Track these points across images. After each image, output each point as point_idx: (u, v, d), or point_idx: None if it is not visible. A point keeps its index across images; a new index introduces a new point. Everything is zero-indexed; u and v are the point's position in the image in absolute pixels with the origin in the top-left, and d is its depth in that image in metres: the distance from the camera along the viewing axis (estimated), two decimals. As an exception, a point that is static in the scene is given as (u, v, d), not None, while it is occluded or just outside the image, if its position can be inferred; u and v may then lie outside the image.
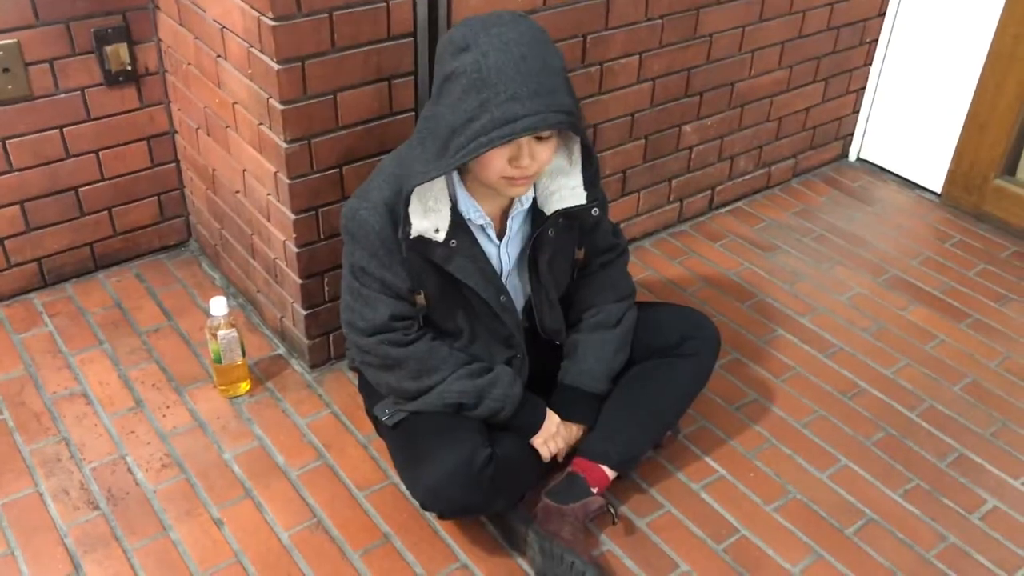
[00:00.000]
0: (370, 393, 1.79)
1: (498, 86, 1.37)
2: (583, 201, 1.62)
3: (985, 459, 1.95)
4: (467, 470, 1.57)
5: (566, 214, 1.64)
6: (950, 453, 1.97)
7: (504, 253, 1.68)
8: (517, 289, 1.74)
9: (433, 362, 1.64)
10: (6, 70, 2.01)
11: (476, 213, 1.60)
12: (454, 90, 1.40)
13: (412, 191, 1.48)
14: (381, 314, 1.61)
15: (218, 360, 1.96)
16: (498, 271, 1.68)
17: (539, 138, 1.46)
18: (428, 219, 1.53)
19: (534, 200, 1.65)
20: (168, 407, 1.99)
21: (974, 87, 2.67)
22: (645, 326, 1.83)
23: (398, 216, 1.52)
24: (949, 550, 1.75)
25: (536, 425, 1.71)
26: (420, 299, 1.62)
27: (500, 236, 1.66)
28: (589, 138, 1.59)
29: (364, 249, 1.57)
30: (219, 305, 1.91)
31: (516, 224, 1.67)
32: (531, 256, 1.68)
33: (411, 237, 1.52)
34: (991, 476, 1.92)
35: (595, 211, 1.65)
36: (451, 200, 1.56)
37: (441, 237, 1.55)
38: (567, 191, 1.62)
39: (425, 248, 1.55)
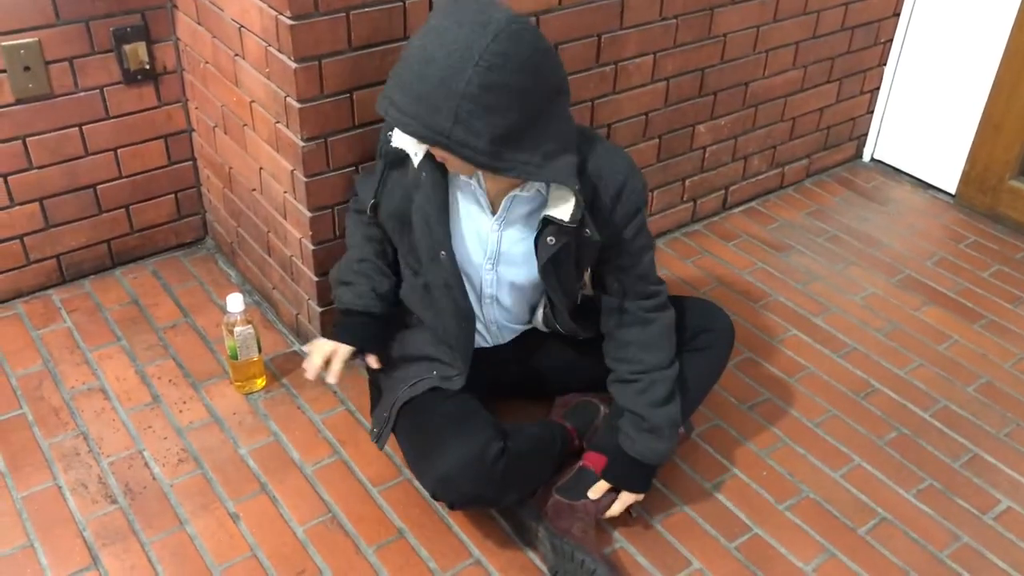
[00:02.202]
0: (375, 397, 1.82)
1: (399, 67, 1.40)
2: (566, 219, 1.51)
3: (999, 460, 1.95)
4: (479, 463, 1.57)
5: (558, 226, 1.55)
6: (964, 453, 1.97)
7: (496, 231, 1.63)
8: (512, 277, 1.68)
9: (350, 241, 1.81)
10: (27, 68, 2.03)
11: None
12: None
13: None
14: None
15: (234, 356, 1.97)
16: (485, 246, 1.64)
17: None
18: (410, 140, 1.55)
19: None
20: (185, 403, 2.00)
21: (989, 88, 2.66)
22: None
23: None
24: (963, 550, 1.75)
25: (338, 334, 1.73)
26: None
27: (495, 212, 1.62)
28: (533, 176, 1.45)
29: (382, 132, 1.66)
30: (235, 302, 1.92)
31: (518, 210, 1.61)
32: (537, 256, 1.62)
33: (391, 144, 1.57)
34: (1005, 476, 1.91)
35: (587, 231, 1.55)
36: None
37: (416, 162, 1.57)
38: (561, 203, 1.53)
39: (406, 168, 1.59)
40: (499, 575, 1.67)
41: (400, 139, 1.56)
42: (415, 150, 1.55)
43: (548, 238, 1.57)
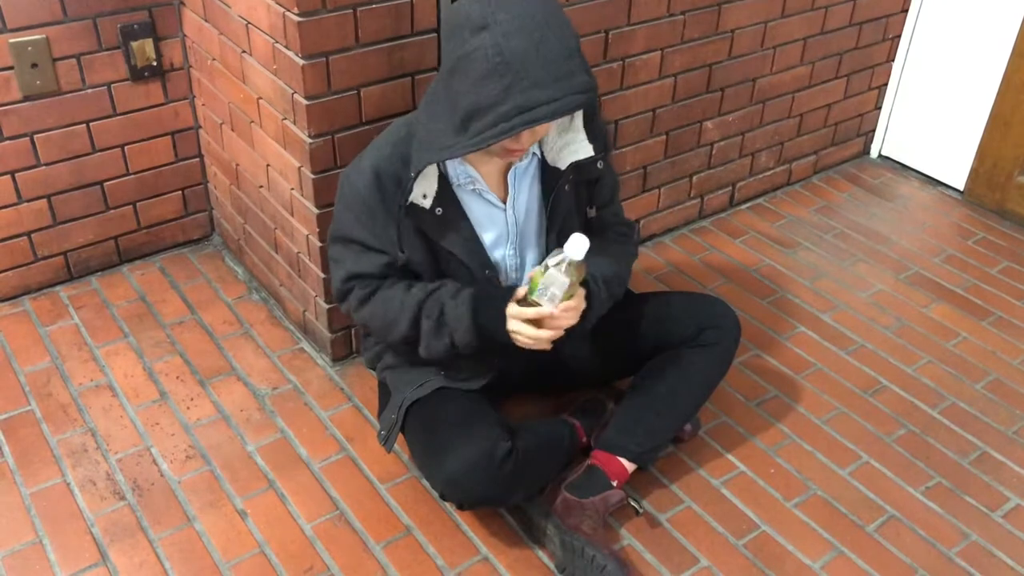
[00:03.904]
0: (383, 400, 1.82)
1: (520, 72, 1.36)
2: (591, 152, 1.63)
3: (1007, 457, 1.94)
4: (487, 464, 1.58)
5: (577, 167, 1.64)
6: (972, 451, 1.96)
7: (511, 215, 1.67)
8: (531, 251, 1.72)
9: (390, 315, 1.61)
10: (35, 65, 2.03)
11: (465, 178, 1.60)
12: (473, 69, 1.38)
13: (429, 163, 1.48)
14: (339, 276, 1.65)
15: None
16: (506, 234, 1.67)
17: None
18: (419, 186, 1.55)
19: (543, 161, 1.65)
20: (192, 399, 2.01)
21: (998, 84, 2.65)
22: (662, 316, 1.81)
23: (385, 183, 1.55)
24: (971, 548, 1.75)
25: (499, 324, 1.55)
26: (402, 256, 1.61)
27: (504, 198, 1.65)
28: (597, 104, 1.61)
29: (350, 211, 1.60)
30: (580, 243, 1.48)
31: (523, 185, 1.66)
32: (549, 216, 1.67)
33: (406, 204, 1.54)
34: (1013, 474, 1.91)
35: (600, 164, 1.65)
36: (439, 166, 1.57)
37: (428, 204, 1.56)
38: (576, 144, 1.63)
39: (417, 217, 1.57)
40: (507, 572, 1.67)
41: (418, 190, 1.54)
42: (427, 191, 1.56)
43: (565, 186, 1.65)
